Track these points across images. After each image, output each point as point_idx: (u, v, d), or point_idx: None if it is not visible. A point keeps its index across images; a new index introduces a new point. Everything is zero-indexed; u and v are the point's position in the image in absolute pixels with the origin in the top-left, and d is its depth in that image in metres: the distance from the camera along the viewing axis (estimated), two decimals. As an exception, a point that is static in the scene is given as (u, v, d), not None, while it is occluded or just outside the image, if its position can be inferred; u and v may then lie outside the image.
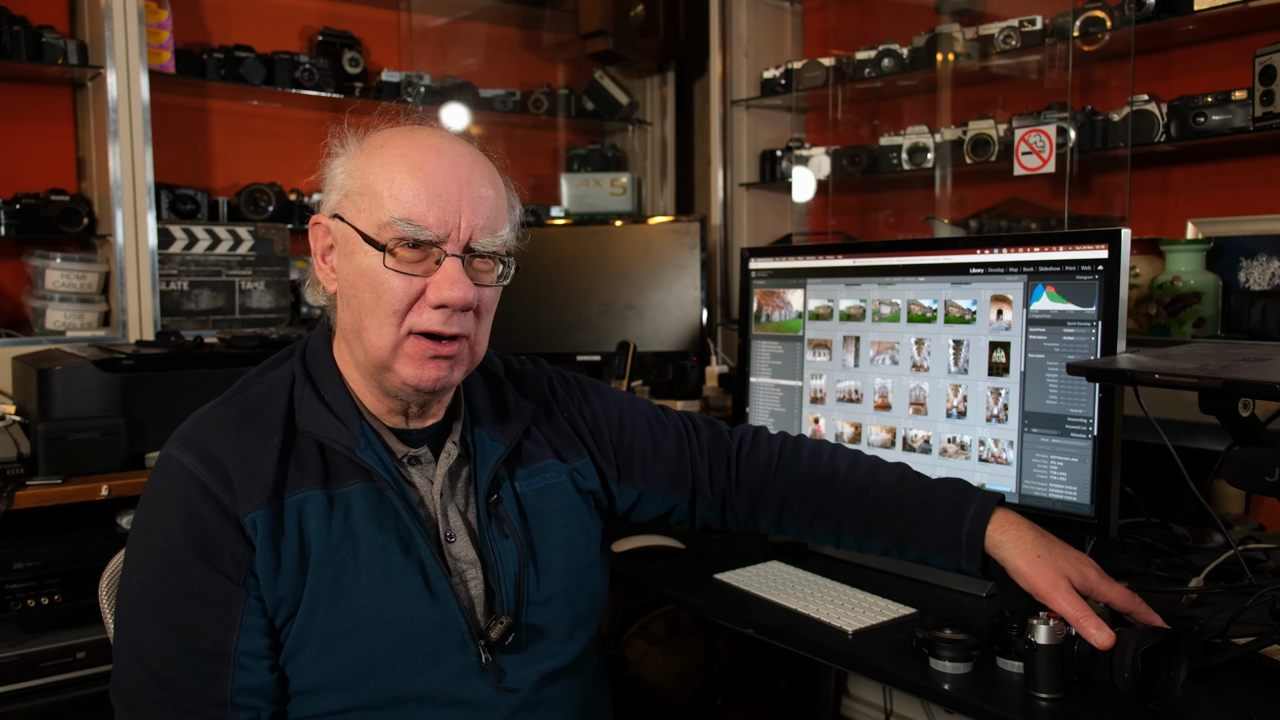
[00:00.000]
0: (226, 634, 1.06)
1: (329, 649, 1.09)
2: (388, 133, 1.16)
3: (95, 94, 2.47)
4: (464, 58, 3.31)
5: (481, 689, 1.14)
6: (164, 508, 1.09)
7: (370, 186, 1.11)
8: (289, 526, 1.09)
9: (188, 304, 2.59)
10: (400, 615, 1.11)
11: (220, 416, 1.14)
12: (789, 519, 1.42)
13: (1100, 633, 1.13)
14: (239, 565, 1.07)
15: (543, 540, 1.24)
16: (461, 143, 1.17)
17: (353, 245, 1.11)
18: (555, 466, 1.30)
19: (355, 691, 1.11)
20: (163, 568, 1.07)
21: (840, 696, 2.64)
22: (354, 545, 1.11)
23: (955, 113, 2.71)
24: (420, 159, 1.11)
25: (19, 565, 1.86)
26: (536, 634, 1.20)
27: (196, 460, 1.09)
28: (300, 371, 1.18)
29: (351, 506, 1.13)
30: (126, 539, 1.14)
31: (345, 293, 1.14)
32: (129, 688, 1.07)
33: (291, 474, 1.12)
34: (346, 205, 1.13)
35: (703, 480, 1.43)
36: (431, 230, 1.09)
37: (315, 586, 1.09)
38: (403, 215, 1.09)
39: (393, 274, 1.09)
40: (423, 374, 1.12)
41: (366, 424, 1.16)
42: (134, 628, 1.08)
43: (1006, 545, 1.25)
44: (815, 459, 1.42)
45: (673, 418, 1.46)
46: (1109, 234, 1.49)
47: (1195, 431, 1.88)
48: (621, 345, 2.53)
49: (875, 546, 1.37)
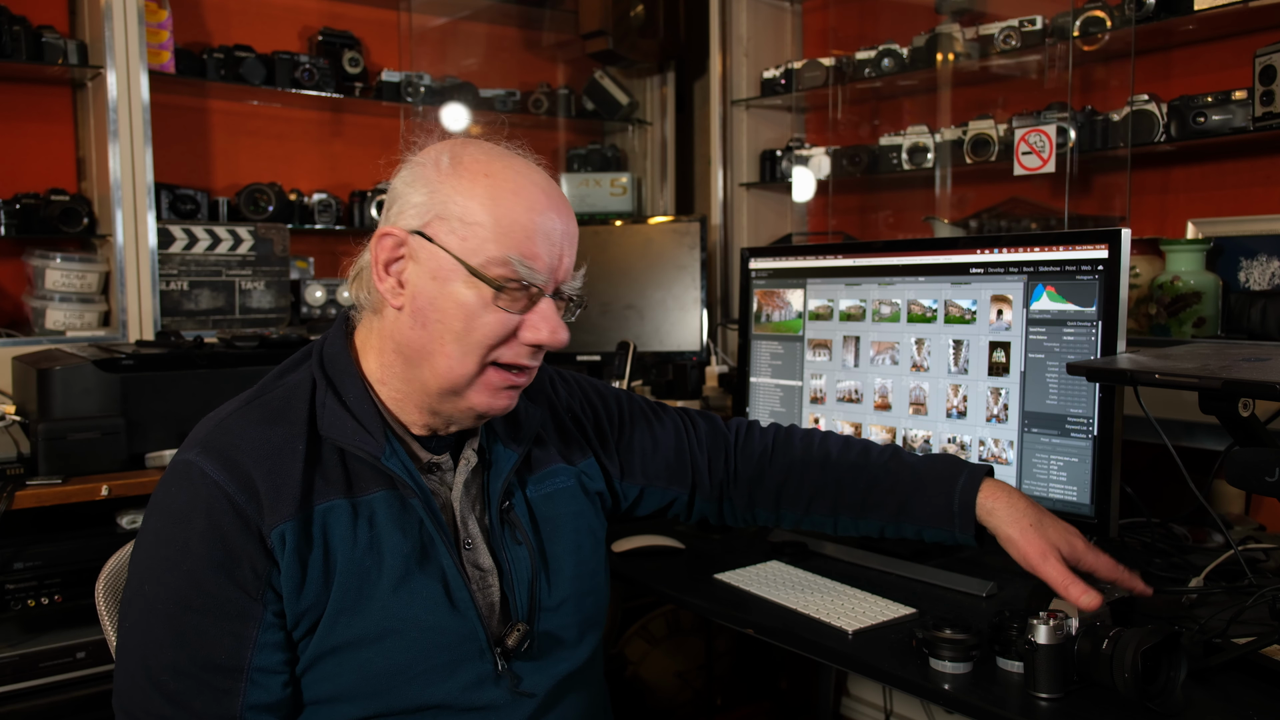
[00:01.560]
0: (241, 650, 1.04)
1: (351, 659, 1.08)
2: (486, 159, 1.12)
3: (95, 94, 2.47)
4: (464, 58, 3.31)
5: (498, 695, 1.14)
6: (182, 518, 1.06)
7: (475, 216, 1.08)
8: (315, 538, 1.07)
9: (188, 304, 2.59)
10: (423, 625, 1.10)
11: (242, 421, 1.11)
12: (787, 505, 1.43)
13: (1086, 595, 1.16)
14: (259, 580, 1.05)
15: (553, 545, 1.24)
16: (551, 180, 1.16)
17: (448, 272, 1.08)
18: (563, 470, 1.29)
19: (376, 700, 1.10)
20: (178, 579, 1.05)
21: (840, 696, 2.64)
22: (379, 555, 1.10)
23: (955, 113, 2.71)
24: (533, 198, 1.10)
25: (19, 565, 1.86)
26: (549, 639, 1.20)
27: (219, 468, 1.06)
28: (320, 375, 1.15)
29: (375, 515, 1.11)
30: (133, 543, 1.11)
31: (424, 313, 1.10)
32: (133, 700, 1.05)
33: (317, 482, 1.09)
34: (440, 228, 1.09)
35: (702, 473, 1.44)
36: (540, 273, 1.09)
37: (340, 597, 1.08)
38: (518, 255, 1.07)
39: (495, 310, 1.08)
40: (495, 402, 1.13)
41: (391, 431, 1.14)
42: (142, 639, 1.06)
43: (998, 513, 1.28)
44: (808, 444, 1.45)
45: (670, 413, 1.47)
46: (1109, 234, 1.49)
47: (1195, 431, 1.88)
48: (621, 345, 2.53)
49: (873, 525, 1.39)
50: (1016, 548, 1.23)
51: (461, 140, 1.16)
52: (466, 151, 1.12)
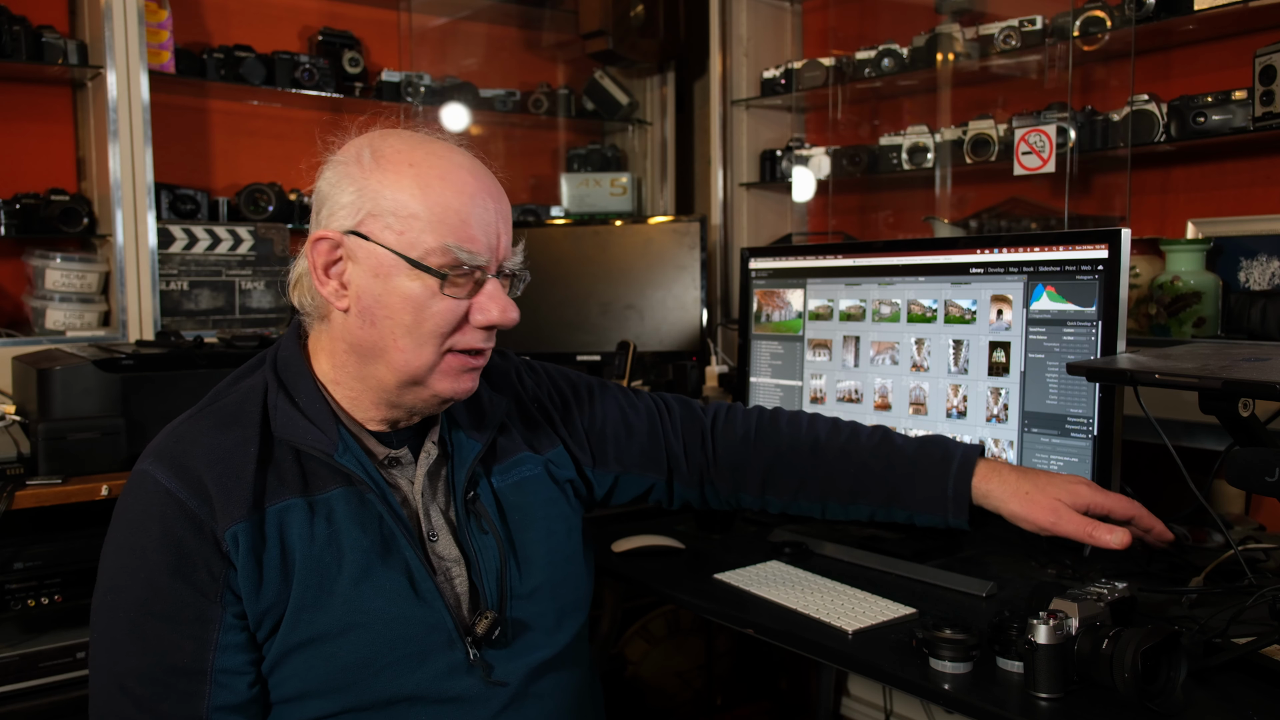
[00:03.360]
0: (203, 652, 1.06)
1: (317, 654, 1.09)
2: (407, 148, 1.12)
3: (95, 94, 2.47)
4: (464, 58, 3.31)
5: (470, 685, 1.15)
6: (138, 525, 1.08)
7: (407, 207, 1.08)
8: (270, 537, 1.08)
9: (188, 304, 2.59)
10: (387, 616, 1.11)
11: (194, 429, 1.13)
12: (773, 492, 1.43)
13: (1113, 534, 1.18)
14: (216, 582, 1.06)
15: (523, 534, 1.24)
16: (478, 161, 1.16)
17: (389, 268, 1.09)
18: (530, 459, 1.30)
19: (346, 695, 1.10)
20: (137, 586, 1.06)
21: (840, 696, 2.64)
22: (338, 550, 1.11)
23: (955, 113, 2.71)
24: (460, 181, 1.10)
25: (19, 565, 1.86)
26: (522, 627, 1.21)
27: (171, 476, 1.08)
28: (273, 379, 1.17)
29: (333, 512, 1.12)
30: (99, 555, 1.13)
31: (371, 312, 1.10)
32: (104, 706, 1.07)
33: (271, 483, 1.10)
34: (374, 224, 1.09)
35: (678, 458, 1.44)
36: (480, 255, 1.10)
37: (300, 594, 1.09)
38: (455, 242, 1.08)
39: (443, 298, 1.09)
40: (459, 385, 1.14)
41: (344, 428, 1.15)
42: (108, 646, 1.08)
43: (995, 493, 1.28)
44: (795, 428, 1.44)
45: (644, 398, 1.47)
46: (1109, 234, 1.49)
47: (1195, 431, 1.88)
48: (621, 345, 2.53)
49: (861, 511, 1.39)
50: (1024, 520, 1.24)
51: (380, 133, 1.16)
52: (387, 143, 1.13)
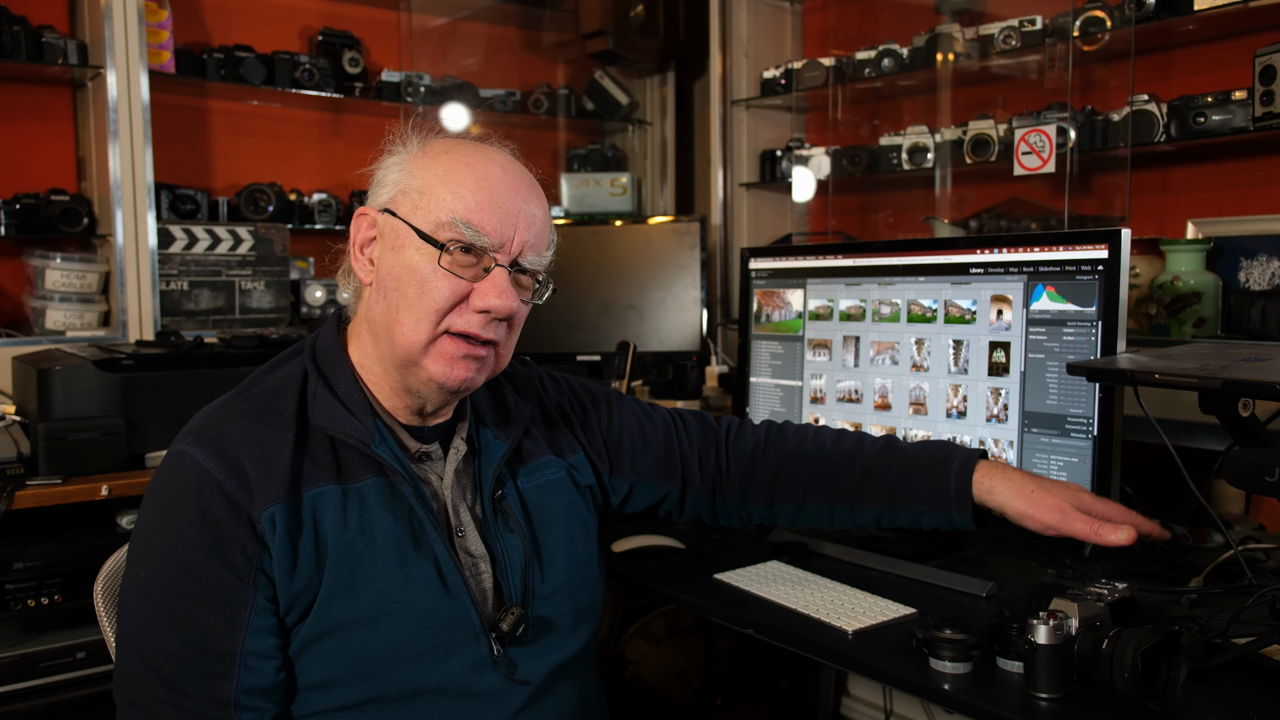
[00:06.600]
0: (233, 634, 1.06)
1: (346, 641, 1.10)
2: (452, 141, 1.19)
3: (95, 94, 2.47)
4: (464, 58, 3.31)
5: (493, 681, 1.16)
6: (174, 504, 1.09)
7: (431, 186, 1.14)
8: (305, 522, 1.09)
9: (188, 304, 2.59)
10: (416, 607, 1.12)
11: (232, 412, 1.14)
12: (781, 500, 1.45)
13: (1119, 533, 1.19)
14: (249, 564, 1.07)
15: (545, 535, 1.26)
16: (521, 165, 1.21)
17: (404, 240, 1.13)
18: (554, 463, 1.32)
19: (371, 684, 1.11)
20: (171, 565, 1.07)
21: (840, 696, 2.64)
22: (370, 538, 1.12)
23: (955, 113, 2.71)
24: (486, 170, 1.15)
25: (19, 565, 1.86)
26: (543, 626, 1.22)
27: (210, 456, 1.09)
28: (312, 367, 1.19)
29: (366, 499, 1.13)
30: (130, 535, 1.14)
31: (385, 285, 1.15)
32: (131, 685, 1.07)
33: (306, 469, 1.12)
34: (402, 201, 1.15)
35: (692, 469, 1.46)
36: (489, 238, 1.13)
37: (333, 579, 1.09)
38: (463, 218, 1.12)
39: (443, 273, 1.12)
40: (451, 372, 1.14)
41: (380, 419, 1.17)
42: (139, 625, 1.08)
43: (999, 490, 1.29)
44: (801, 437, 1.47)
45: (660, 411, 1.49)
46: (1109, 234, 1.49)
47: (1195, 431, 1.88)
48: (621, 345, 2.53)
49: (868, 515, 1.41)
50: (1031, 517, 1.26)
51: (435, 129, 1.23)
52: (437, 137, 1.20)
